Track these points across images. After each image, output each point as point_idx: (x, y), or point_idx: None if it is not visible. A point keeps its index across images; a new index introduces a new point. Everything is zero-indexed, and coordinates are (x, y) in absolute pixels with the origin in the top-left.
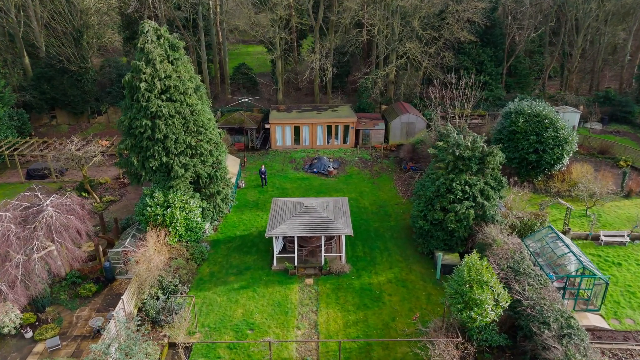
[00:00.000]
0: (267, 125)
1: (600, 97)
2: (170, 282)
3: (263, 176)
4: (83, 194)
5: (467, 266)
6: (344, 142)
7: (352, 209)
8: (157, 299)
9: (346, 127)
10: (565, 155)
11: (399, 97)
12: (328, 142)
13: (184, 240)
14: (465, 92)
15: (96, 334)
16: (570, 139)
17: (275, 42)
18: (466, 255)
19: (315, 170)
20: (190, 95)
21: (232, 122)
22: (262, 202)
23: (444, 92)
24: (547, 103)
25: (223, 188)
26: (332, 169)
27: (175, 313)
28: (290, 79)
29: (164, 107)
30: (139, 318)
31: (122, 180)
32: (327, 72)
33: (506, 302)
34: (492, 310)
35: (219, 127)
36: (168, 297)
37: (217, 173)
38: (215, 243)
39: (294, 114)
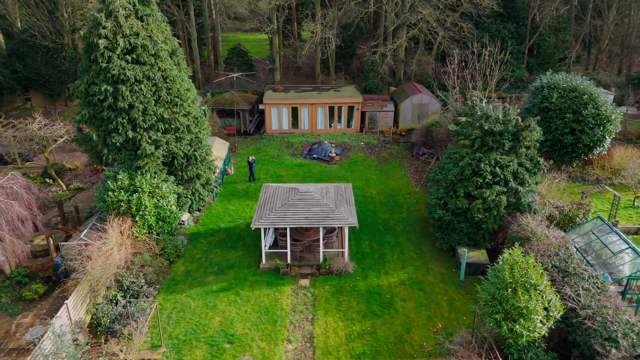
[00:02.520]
0: (261, 106)
1: (634, 79)
2: (133, 282)
3: (252, 168)
4: (48, 180)
5: (508, 264)
6: (348, 125)
7: (358, 198)
8: (116, 303)
9: (350, 109)
10: (607, 137)
11: (409, 77)
12: (330, 126)
13: (155, 233)
14: (490, 66)
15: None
16: (613, 117)
17: (272, 14)
18: (505, 251)
19: (315, 156)
20: (164, 59)
21: (222, 103)
22: (252, 191)
23: (463, 70)
24: (583, 76)
25: (204, 171)
26: (334, 155)
27: (135, 321)
28: (289, 58)
29: (129, 69)
30: (79, 329)
31: (95, 166)
32: (330, 44)
33: (559, 312)
34: (541, 322)
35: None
36: (130, 301)
37: (195, 153)
38: (194, 236)
39: (291, 94)
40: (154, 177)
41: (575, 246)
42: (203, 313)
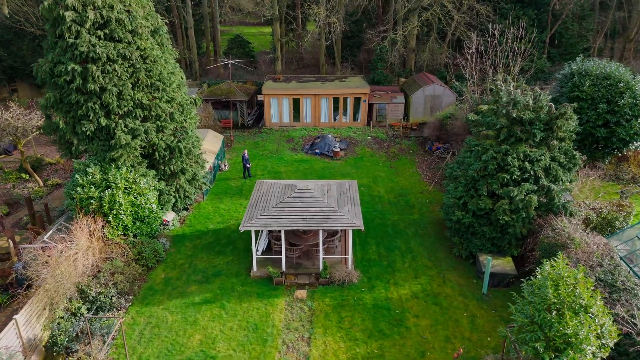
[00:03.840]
0: (259, 97)
1: None
2: (101, 293)
3: (246, 165)
4: (24, 175)
5: (551, 280)
6: (354, 118)
7: (364, 197)
8: (81, 317)
9: (357, 101)
10: None
11: (421, 68)
12: (335, 119)
13: (132, 235)
14: (511, 54)
15: None
16: None
17: None
18: (545, 262)
19: (317, 151)
20: (144, 37)
21: (218, 94)
22: (247, 189)
23: (481, 58)
24: (618, 63)
25: (190, 166)
26: (338, 150)
27: (101, 339)
28: (292, 50)
29: (100, 46)
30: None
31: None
32: (335, 29)
33: (613, 340)
34: (594, 354)
35: (203, 99)
36: (93, 316)
37: (179, 144)
38: (178, 239)
39: (293, 85)
40: (131, 171)
41: (619, 255)
42: (181, 330)
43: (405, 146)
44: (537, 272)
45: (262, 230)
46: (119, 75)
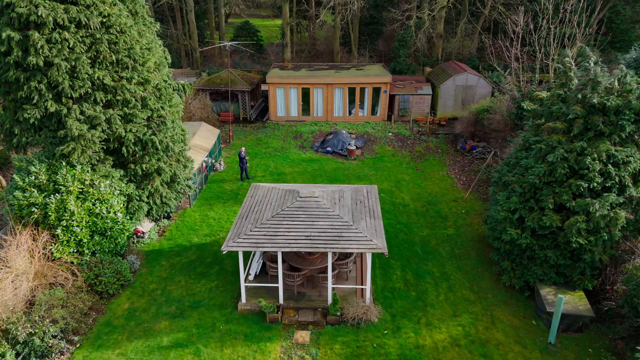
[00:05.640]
0: (264, 87)
1: None
2: (33, 334)
3: (243, 165)
4: None
5: None
6: (373, 112)
7: (385, 205)
8: None
9: (376, 92)
10: None
11: (449, 56)
12: (350, 113)
13: (88, 252)
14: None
15: None
16: None
17: None
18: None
19: (329, 149)
20: (110, 1)
21: (217, 83)
22: (243, 193)
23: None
24: None
25: (169, 164)
26: (353, 148)
27: None
28: (304, 37)
29: (44, 7)
30: None
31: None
32: (352, 6)
33: None
34: None
35: (198, 89)
36: None
37: (153, 137)
38: (153, 255)
39: (302, 73)
40: (87, 171)
41: None
42: None
43: (432, 144)
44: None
45: (254, 251)
46: (70, 46)
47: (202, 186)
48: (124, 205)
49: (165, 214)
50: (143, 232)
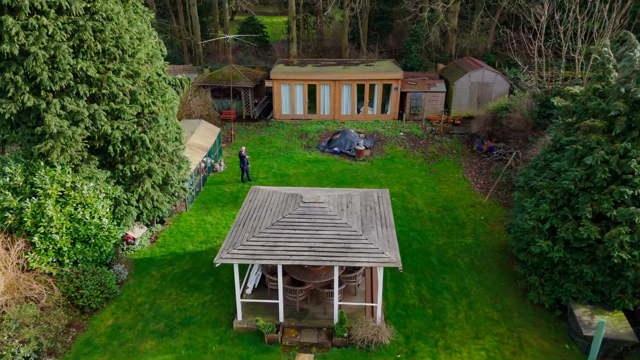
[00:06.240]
0: (268, 83)
1: None
2: (0, 356)
3: (244, 165)
4: None
5: None
6: (383, 110)
7: (397, 211)
8: None
9: (387, 89)
10: None
11: (463, 52)
12: (358, 112)
13: (70, 262)
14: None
15: None
16: None
17: None
18: None
19: (336, 149)
20: None
21: (219, 79)
22: (243, 196)
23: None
24: None
25: (162, 165)
26: (362, 148)
27: None
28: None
29: None
30: None
31: None
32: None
33: None
34: None
35: (199, 85)
36: None
37: (143, 135)
38: (144, 265)
39: (308, 69)
40: (69, 172)
41: None
42: None
43: (447, 145)
44: None
45: (251, 263)
46: (49, 33)
47: (199, 188)
48: (110, 209)
49: (158, 219)
50: (134, 239)
